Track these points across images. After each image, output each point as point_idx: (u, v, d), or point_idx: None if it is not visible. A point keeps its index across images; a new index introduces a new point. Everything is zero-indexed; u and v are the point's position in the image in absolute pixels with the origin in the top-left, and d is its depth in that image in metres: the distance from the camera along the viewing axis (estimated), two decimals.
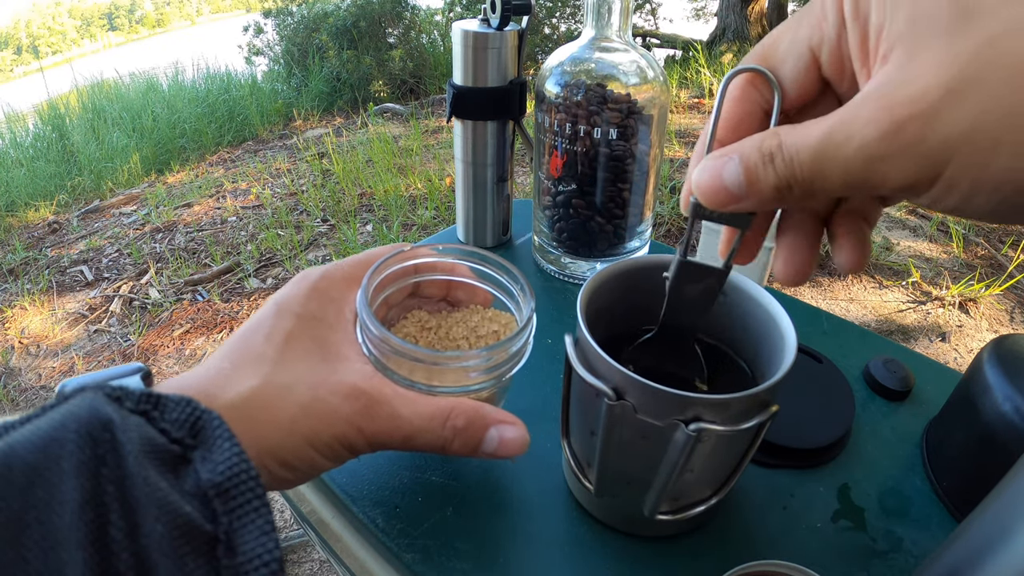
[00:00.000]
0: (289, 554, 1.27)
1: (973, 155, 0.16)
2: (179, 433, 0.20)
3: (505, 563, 0.34)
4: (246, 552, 0.18)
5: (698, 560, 0.34)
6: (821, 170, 0.18)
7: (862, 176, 0.18)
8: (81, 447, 0.17)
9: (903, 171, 0.17)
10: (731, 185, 0.20)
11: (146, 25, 28.27)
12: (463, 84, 0.56)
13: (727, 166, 0.20)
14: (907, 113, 0.16)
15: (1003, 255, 2.00)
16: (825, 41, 0.20)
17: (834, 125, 0.18)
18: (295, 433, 0.26)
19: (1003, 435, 0.33)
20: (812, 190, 0.19)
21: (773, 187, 0.19)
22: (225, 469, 0.19)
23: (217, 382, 0.26)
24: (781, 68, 0.21)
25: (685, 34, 5.15)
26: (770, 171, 0.19)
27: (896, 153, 0.17)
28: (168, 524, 0.17)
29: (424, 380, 0.30)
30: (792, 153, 0.19)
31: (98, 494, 0.16)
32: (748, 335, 0.34)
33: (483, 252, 0.35)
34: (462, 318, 0.36)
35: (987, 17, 0.16)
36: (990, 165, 0.16)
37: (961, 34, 0.16)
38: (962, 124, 0.16)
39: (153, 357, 1.85)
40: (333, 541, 0.42)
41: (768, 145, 0.19)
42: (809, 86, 0.21)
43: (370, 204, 2.61)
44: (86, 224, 2.79)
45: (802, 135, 0.19)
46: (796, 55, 0.21)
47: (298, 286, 0.31)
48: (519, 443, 0.29)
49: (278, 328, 0.28)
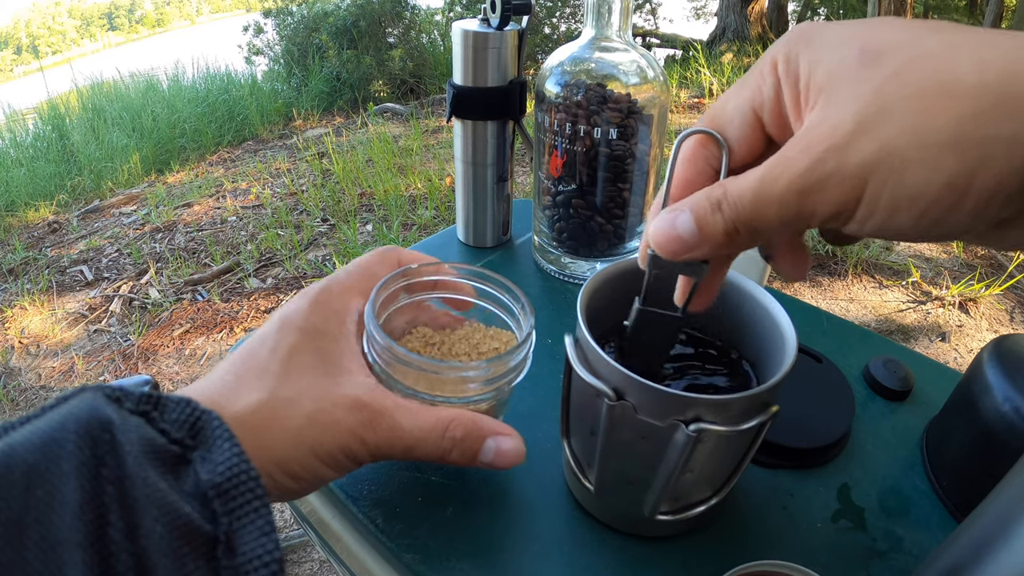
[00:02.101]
0: (289, 554, 1.27)
1: (887, 175, 0.17)
2: (179, 434, 0.20)
3: (505, 563, 0.34)
4: (246, 552, 0.18)
5: (698, 560, 0.34)
6: (760, 210, 0.20)
7: (795, 210, 0.19)
8: (81, 448, 0.17)
9: (828, 199, 0.19)
10: (685, 234, 0.22)
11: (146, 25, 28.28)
12: (463, 84, 0.56)
13: (679, 218, 0.22)
14: (825, 147, 0.18)
15: (1003, 255, 2.00)
16: (765, 101, 0.22)
17: (768, 168, 0.20)
18: (301, 444, 0.27)
19: (1003, 435, 0.33)
20: (757, 230, 0.21)
21: (722, 232, 0.21)
22: (225, 469, 0.19)
23: (223, 394, 0.27)
24: (728, 128, 0.23)
25: (685, 34, 5.15)
26: (718, 217, 0.21)
27: (819, 183, 0.19)
28: (168, 525, 0.17)
29: (426, 390, 0.31)
30: (735, 198, 0.21)
31: (98, 495, 0.16)
32: (748, 335, 0.34)
33: (485, 272, 0.37)
34: (465, 335, 0.37)
35: (891, 56, 0.18)
36: (904, 182, 0.17)
37: (868, 74, 0.18)
38: (873, 149, 0.17)
39: (153, 357, 1.85)
40: (333, 541, 0.42)
41: (715, 195, 0.21)
42: (755, 144, 0.23)
43: (370, 204, 2.61)
44: (86, 224, 2.79)
45: (743, 181, 0.21)
46: (741, 115, 0.23)
47: (300, 301, 0.32)
48: (515, 454, 0.30)
49: (282, 342, 0.29)
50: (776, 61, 0.21)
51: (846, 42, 0.19)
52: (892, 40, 0.18)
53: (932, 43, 0.18)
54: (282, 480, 0.27)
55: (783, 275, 0.25)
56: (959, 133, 0.16)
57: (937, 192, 0.17)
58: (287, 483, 0.27)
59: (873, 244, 2.05)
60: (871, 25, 0.19)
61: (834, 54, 0.19)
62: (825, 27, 0.20)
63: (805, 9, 6.61)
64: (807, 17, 6.61)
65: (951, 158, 0.17)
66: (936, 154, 0.17)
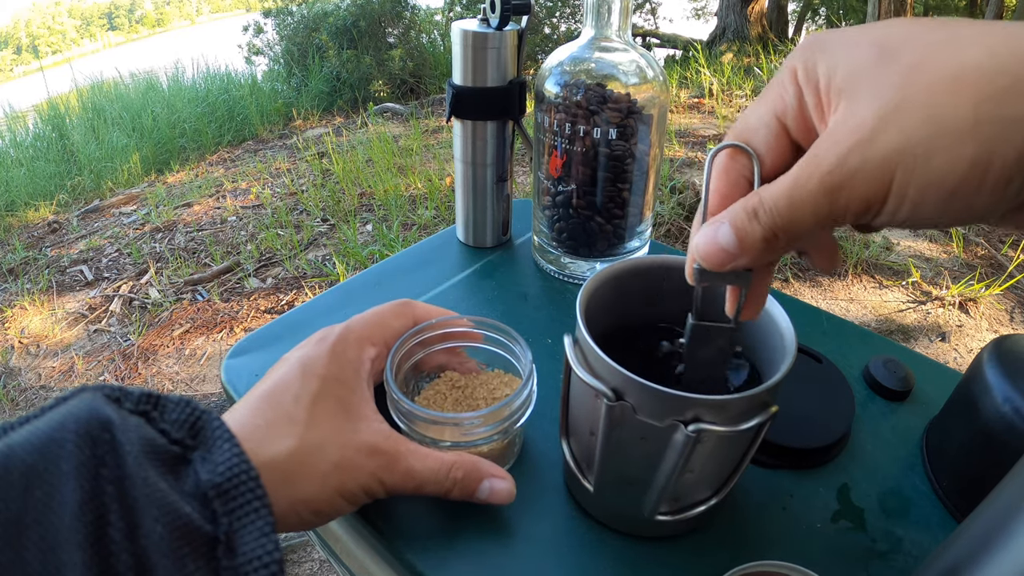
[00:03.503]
0: (289, 554, 1.27)
1: (913, 165, 0.18)
2: (179, 434, 0.20)
3: (505, 563, 0.34)
4: (246, 553, 0.18)
5: (698, 560, 0.34)
6: (795, 213, 0.21)
7: (828, 208, 0.20)
8: (80, 448, 0.17)
9: (858, 194, 0.19)
10: (726, 245, 0.23)
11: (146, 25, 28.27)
12: (463, 84, 0.56)
13: (720, 230, 0.23)
14: (850, 143, 0.19)
15: (1003, 255, 2.01)
16: (788, 109, 0.23)
17: (798, 171, 0.21)
18: (327, 486, 0.30)
19: (1003, 435, 0.33)
20: (794, 233, 0.21)
21: (761, 239, 0.22)
22: (225, 470, 0.19)
23: (255, 439, 0.29)
24: (754, 140, 0.24)
25: (685, 34, 5.15)
26: (755, 225, 0.22)
27: (848, 179, 0.19)
28: (168, 525, 0.17)
29: (436, 436, 0.36)
30: (770, 205, 0.21)
31: (97, 495, 0.16)
32: (748, 335, 0.34)
33: (499, 324, 0.41)
34: (485, 380, 0.41)
35: (907, 51, 0.19)
36: (930, 170, 0.18)
37: (885, 70, 0.19)
38: (896, 140, 0.18)
39: (153, 357, 1.85)
40: (333, 541, 0.42)
41: (751, 204, 0.22)
42: (783, 151, 0.24)
43: (370, 204, 2.61)
44: (86, 224, 2.79)
45: (776, 187, 0.21)
46: (766, 126, 0.24)
47: (318, 348, 0.35)
48: (506, 494, 0.35)
49: (305, 390, 0.32)
50: (795, 70, 0.22)
51: (859, 44, 0.20)
52: (903, 37, 0.19)
53: (941, 35, 0.18)
54: (306, 516, 0.30)
55: (818, 268, 0.26)
56: (976, 116, 0.17)
57: (962, 175, 0.18)
58: (310, 518, 0.30)
59: (873, 244, 2.05)
60: (880, 27, 0.20)
61: (850, 57, 0.20)
62: (837, 33, 0.21)
63: (805, 9, 6.61)
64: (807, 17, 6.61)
65: (971, 141, 0.17)
66: (957, 139, 0.17)
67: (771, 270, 0.28)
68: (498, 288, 0.57)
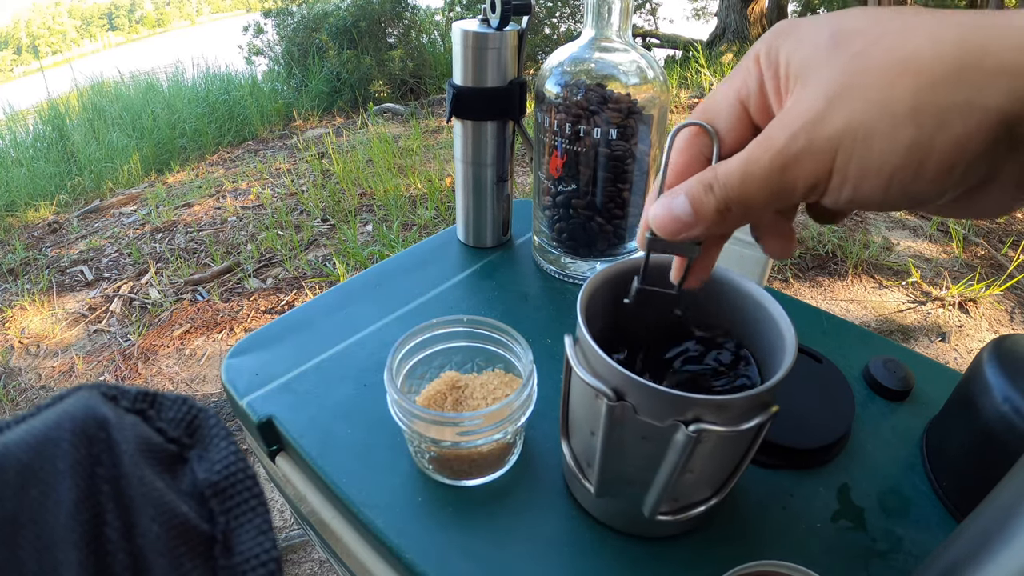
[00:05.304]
0: (289, 554, 1.27)
1: (854, 146, 0.19)
2: (176, 432, 0.20)
3: (505, 563, 0.34)
4: (243, 552, 0.18)
5: (698, 560, 0.34)
6: (747, 188, 0.22)
7: (778, 185, 0.21)
8: (76, 446, 0.17)
9: (805, 172, 0.20)
10: (681, 214, 0.24)
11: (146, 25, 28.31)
12: (463, 84, 0.56)
13: (675, 200, 0.24)
14: (799, 124, 0.20)
15: (1003, 255, 2.00)
16: (750, 93, 0.24)
17: (751, 149, 0.22)
18: None
19: (1003, 435, 0.33)
20: (746, 207, 0.23)
21: (714, 210, 0.23)
22: (222, 468, 0.19)
23: None
24: (717, 120, 0.25)
25: (685, 34, 5.16)
26: (710, 198, 0.23)
27: (795, 158, 0.20)
28: (164, 524, 0.17)
29: (436, 436, 0.36)
30: (724, 179, 0.23)
31: (93, 494, 0.16)
32: (748, 335, 0.34)
33: (506, 327, 0.41)
34: (485, 381, 0.41)
35: (855, 39, 0.20)
36: (869, 151, 0.19)
37: (836, 56, 0.20)
38: (840, 122, 0.19)
39: (153, 357, 1.85)
40: (333, 541, 0.42)
41: (707, 177, 0.23)
42: (742, 132, 0.25)
43: (370, 204, 2.61)
44: (86, 224, 2.79)
45: (731, 164, 0.22)
46: (729, 107, 0.25)
47: None
48: None
49: None
50: (759, 55, 0.23)
51: (819, 32, 0.21)
52: (857, 25, 0.20)
53: (893, 24, 0.19)
54: None
55: (771, 254, 0.27)
56: (917, 103, 0.18)
57: (900, 160, 0.18)
58: None
59: (873, 244, 2.05)
60: (840, 15, 0.21)
61: (808, 44, 0.21)
62: (801, 22, 0.22)
63: (805, 10, 6.61)
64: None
65: (911, 126, 0.18)
66: (897, 123, 0.18)
67: (720, 244, 0.29)
68: (498, 288, 0.57)
